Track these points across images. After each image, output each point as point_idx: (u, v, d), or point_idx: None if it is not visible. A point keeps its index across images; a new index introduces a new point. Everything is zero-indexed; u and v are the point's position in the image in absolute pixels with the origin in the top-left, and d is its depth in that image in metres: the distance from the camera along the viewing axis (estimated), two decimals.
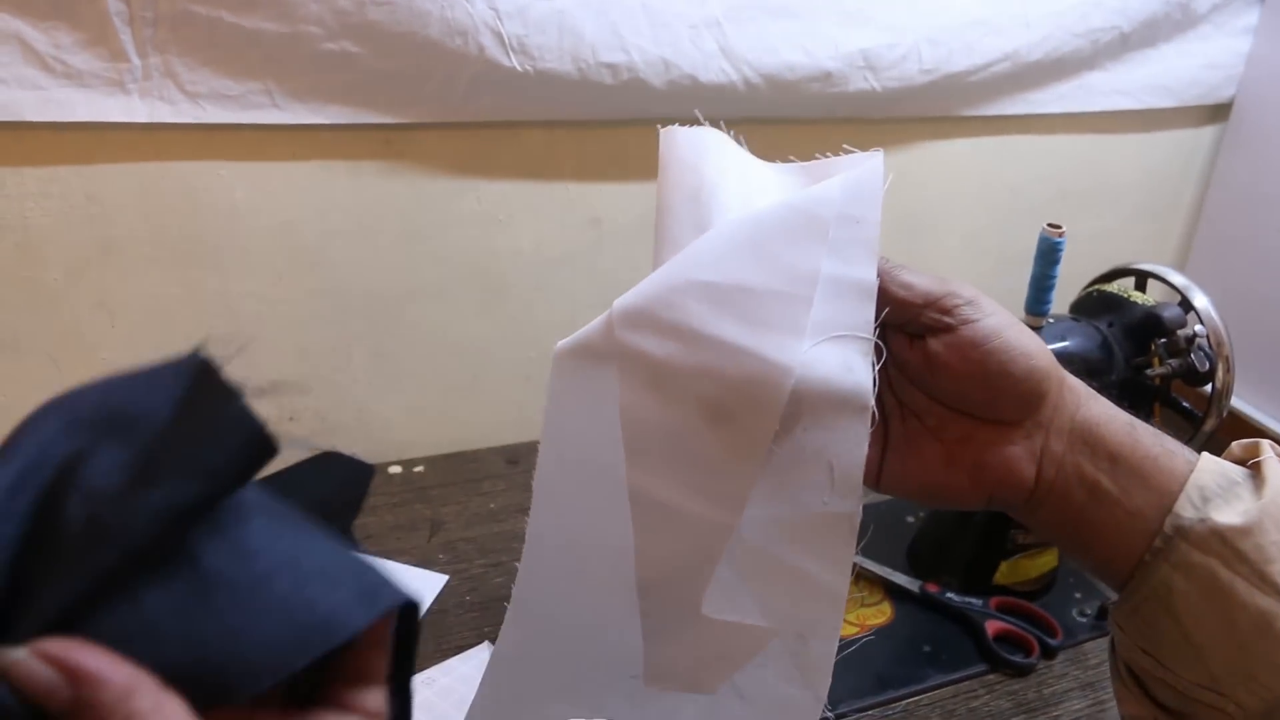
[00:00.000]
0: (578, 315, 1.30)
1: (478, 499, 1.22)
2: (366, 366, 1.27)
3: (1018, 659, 0.98)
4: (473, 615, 1.02)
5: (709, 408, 0.52)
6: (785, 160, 0.62)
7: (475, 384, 1.34)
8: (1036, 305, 0.97)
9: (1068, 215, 0.97)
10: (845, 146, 0.59)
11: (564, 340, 0.54)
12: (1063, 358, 0.97)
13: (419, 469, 1.27)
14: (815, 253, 0.51)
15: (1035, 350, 0.54)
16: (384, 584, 0.38)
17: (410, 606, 0.40)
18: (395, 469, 1.27)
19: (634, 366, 0.52)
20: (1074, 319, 1.03)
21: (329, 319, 1.22)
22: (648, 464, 0.53)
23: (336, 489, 1.22)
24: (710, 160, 0.57)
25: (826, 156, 0.59)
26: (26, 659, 0.32)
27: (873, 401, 0.51)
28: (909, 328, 0.55)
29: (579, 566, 0.57)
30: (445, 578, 1.06)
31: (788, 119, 1.30)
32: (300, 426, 1.27)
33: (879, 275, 0.53)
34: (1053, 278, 0.95)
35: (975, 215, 1.55)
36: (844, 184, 0.54)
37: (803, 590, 0.55)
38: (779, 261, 0.51)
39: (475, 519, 1.18)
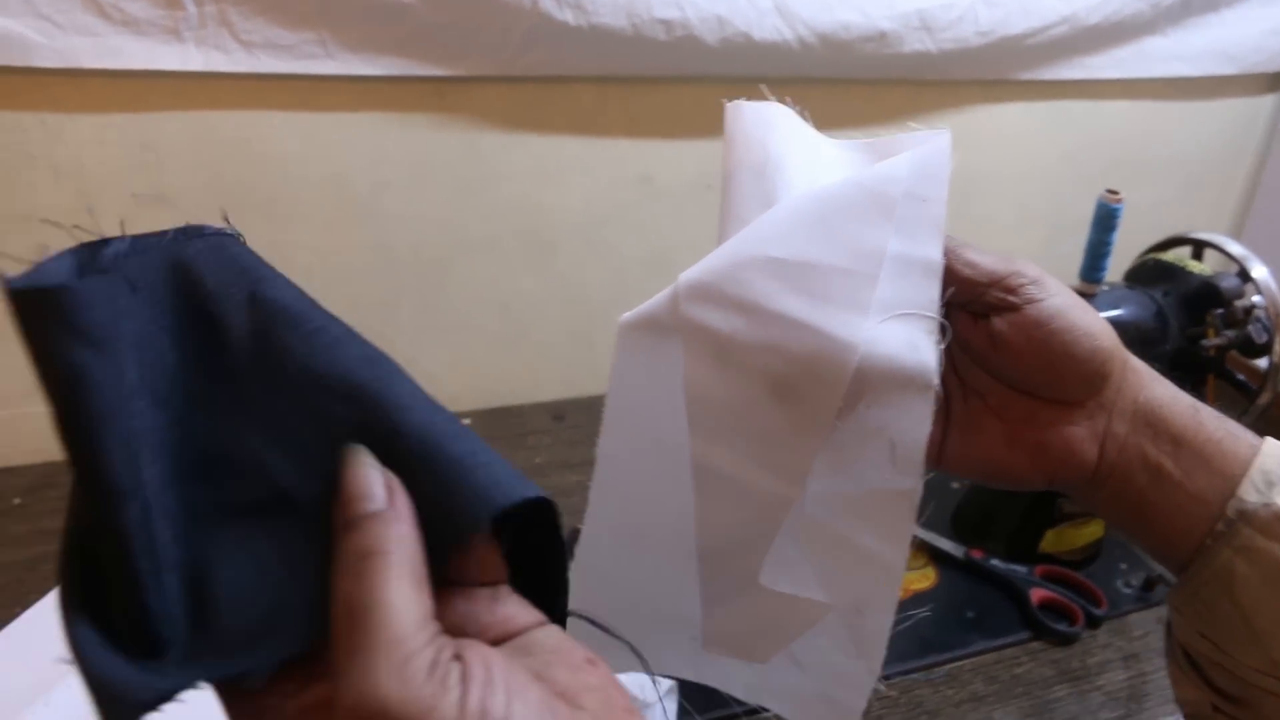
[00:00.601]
0: (626, 272, 1.32)
1: (523, 453, 1.22)
2: (414, 319, 1.27)
3: (1061, 627, 0.98)
4: None
5: (773, 382, 0.52)
6: (843, 129, 0.62)
7: (522, 339, 1.34)
8: (1091, 272, 0.96)
9: (1122, 183, 0.96)
10: (911, 125, 0.58)
11: (628, 313, 0.54)
12: (1116, 326, 0.95)
13: (466, 422, 1.27)
14: (882, 230, 0.51)
15: (1099, 331, 0.53)
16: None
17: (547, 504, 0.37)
18: None
19: (699, 340, 0.52)
20: (1129, 287, 1.01)
21: (378, 271, 1.22)
22: (711, 436, 0.53)
23: None
24: (776, 135, 0.57)
25: (892, 135, 0.58)
26: (365, 460, 0.34)
27: (937, 380, 0.51)
28: (973, 306, 0.55)
29: (641, 533, 0.57)
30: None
31: (841, 79, 1.29)
32: None
33: (944, 253, 0.53)
34: (1109, 244, 0.94)
35: (1027, 181, 1.53)
36: (911, 162, 0.53)
37: (861, 565, 0.55)
38: (846, 238, 0.51)
39: (521, 473, 1.18)
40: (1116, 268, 1.01)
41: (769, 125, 0.58)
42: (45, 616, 0.92)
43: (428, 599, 0.32)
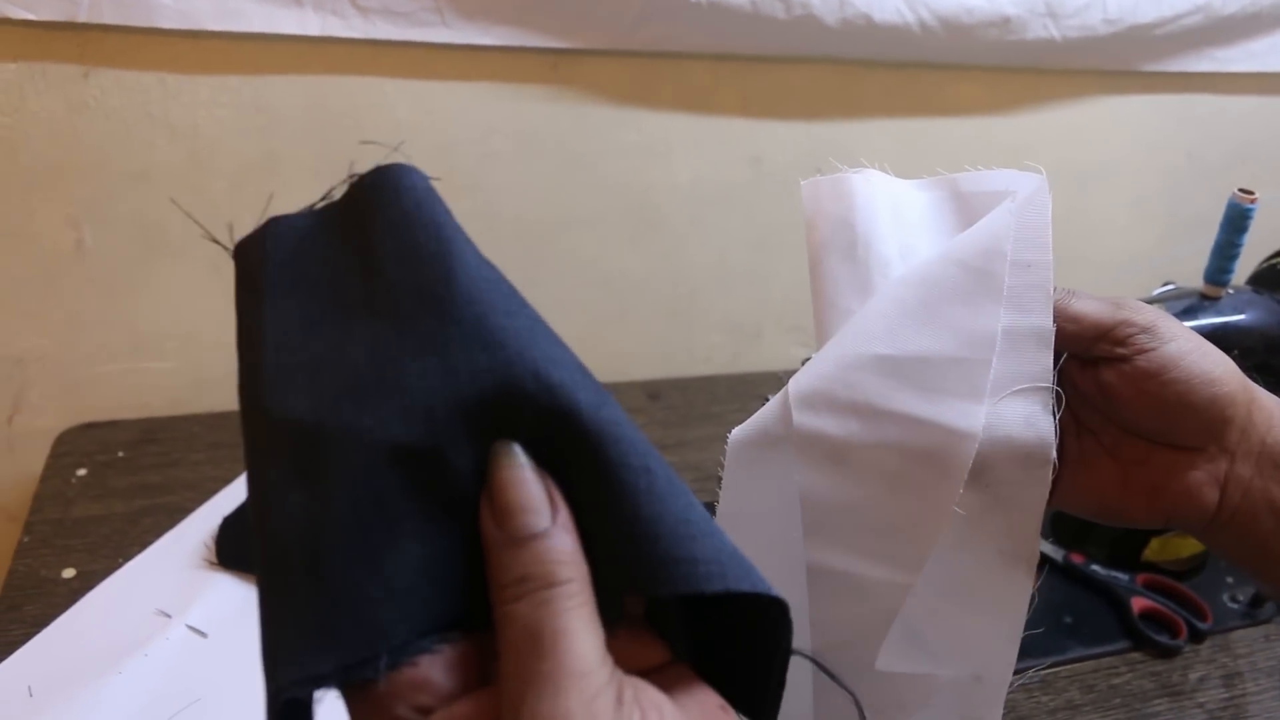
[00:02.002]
0: (729, 254, 1.32)
1: None
2: None
3: (1163, 639, 0.95)
4: None
5: (891, 479, 0.51)
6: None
7: (622, 316, 1.34)
8: (1218, 275, 0.93)
9: (1248, 182, 0.92)
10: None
11: (739, 428, 0.53)
12: (1239, 332, 0.94)
13: None
14: (991, 313, 0.50)
15: (1219, 376, 0.51)
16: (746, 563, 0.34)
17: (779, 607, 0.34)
18: None
19: (813, 447, 0.51)
20: (1255, 291, 0.98)
21: (481, 242, 1.20)
22: (826, 537, 0.53)
23: None
24: (860, 210, 0.56)
25: (979, 171, 0.57)
26: (524, 463, 0.32)
27: (1054, 453, 0.50)
28: (1082, 355, 0.53)
29: None
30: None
31: (961, 65, 1.26)
32: None
33: None
34: (1238, 246, 0.91)
35: (1146, 177, 1.49)
36: (1011, 227, 0.52)
37: (978, 635, 0.54)
38: (954, 327, 0.50)
39: None
40: (1241, 270, 0.97)
41: (850, 198, 0.56)
42: (146, 569, 0.94)
43: (601, 628, 0.31)
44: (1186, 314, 0.93)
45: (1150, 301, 0.95)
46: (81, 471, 1.06)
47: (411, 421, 0.32)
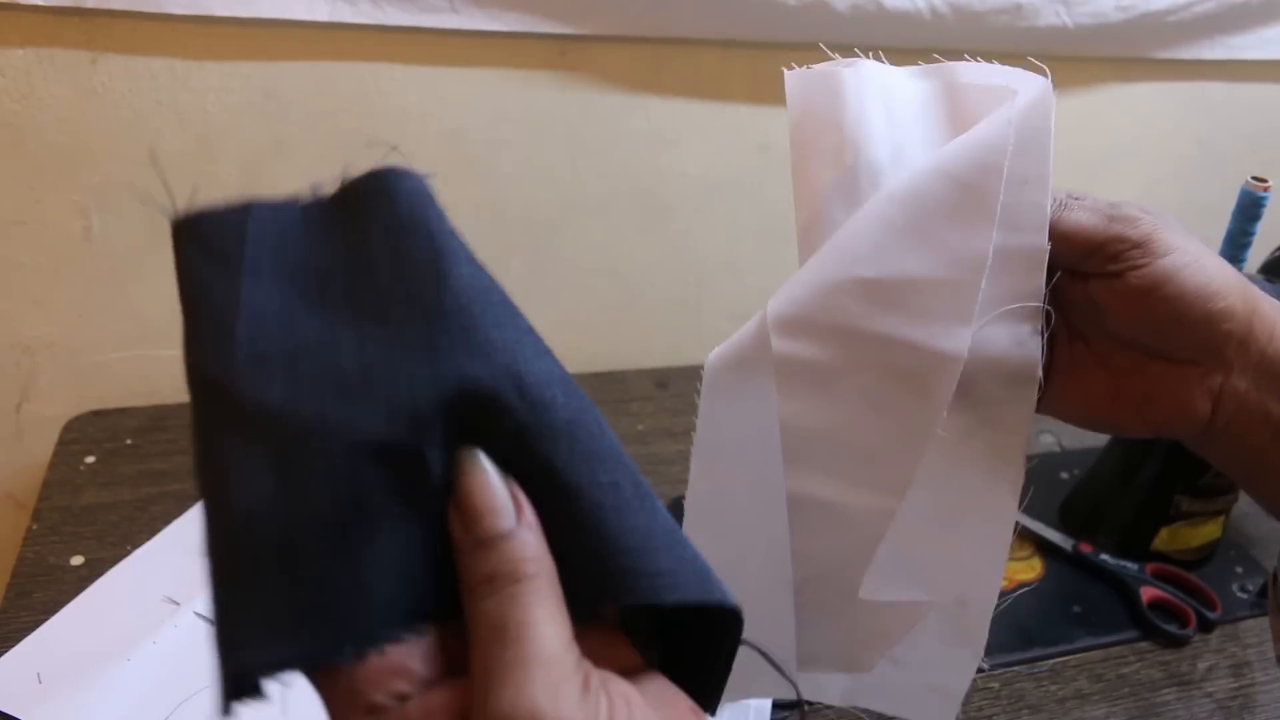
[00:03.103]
0: (738, 241, 1.31)
1: (625, 420, 1.22)
2: (523, 279, 1.26)
3: (1172, 629, 0.95)
4: None
5: (873, 402, 0.49)
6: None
7: (629, 304, 1.34)
8: (1231, 263, 0.92)
9: (1261, 170, 0.92)
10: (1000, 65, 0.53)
11: (715, 351, 0.51)
12: None
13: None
14: (984, 233, 0.47)
15: (1217, 289, 0.49)
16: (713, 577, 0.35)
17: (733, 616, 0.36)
18: None
19: (793, 373, 0.50)
20: (1268, 280, 0.97)
21: (490, 229, 1.22)
22: (808, 465, 0.51)
23: None
24: (849, 109, 0.51)
25: (980, 64, 0.53)
26: (488, 469, 0.33)
27: (1040, 372, 0.49)
28: (1074, 270, 0.51)
29: (731, 574, 0.56)
30: None
31: (972, 51, 1.25)
32: None
33: None
34: (1251, 235, 0.91)
35: (1156, 165, 1.48)
36: (1010, 137, 0.48)
37: (964, 560, 0.53)
38: (944, 247, 0.48)
39: (623, 439, 1.15)
40: (1253, 259, 0.97)
41: (838, 95, 0.52)
42: (154, 556, 0.94)
43: (568, 620, 0.32)
44: None
45: None
46: (90, 459, 1.06)
47: (396, 423, 0.33)
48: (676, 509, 1.07)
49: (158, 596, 0.89)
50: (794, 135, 0.52)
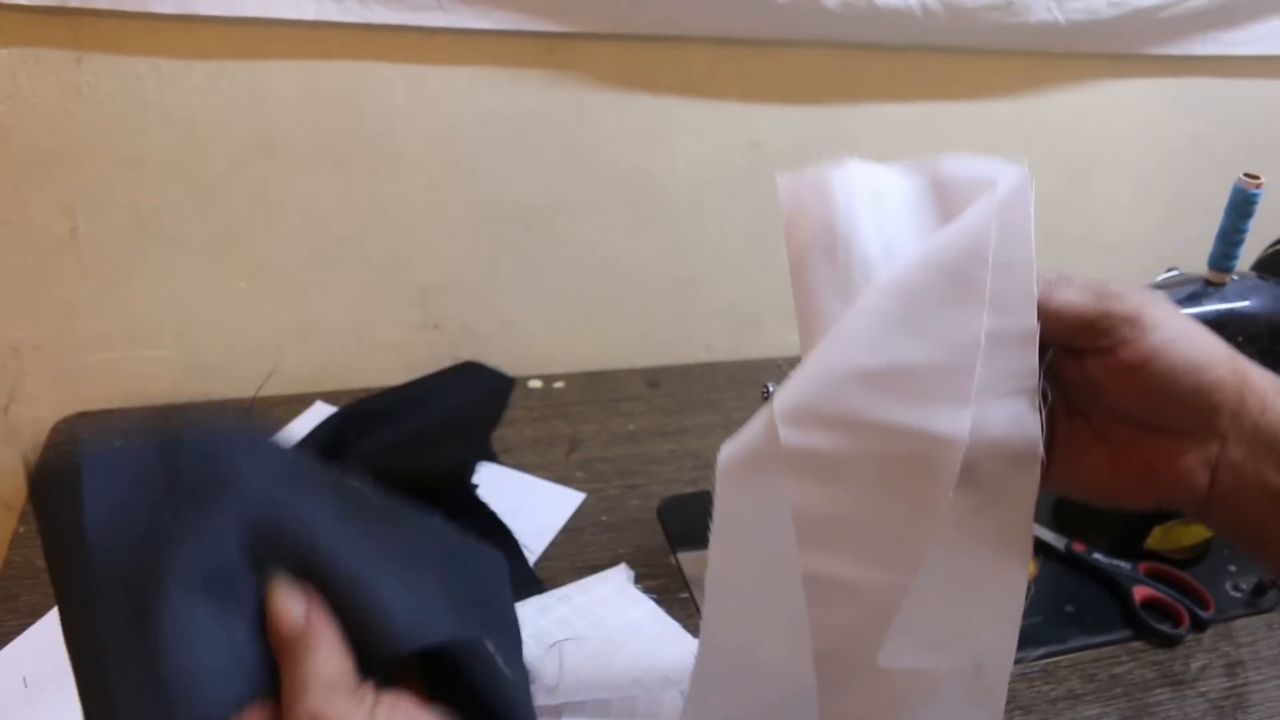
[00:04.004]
0: (728, 240, 1.31)
1: (617, 419, 1.22)
2: (514, 278, 1.26)
3: (1165, 628, 0.95)
4: (608, 535, 1.02)
5: (882, 488, 0.51)
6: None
7: (621, 303, 1.33)
8: (1223, 260, 0.92)
9: (1254, 167, 0.91)
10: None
11: (727, 448, 0.53)
12: (1244, 318, 0.93)
13: (559, 385, 1.28)
14: (974, 318, 0.49)
15: (1205, 363, 0.50)
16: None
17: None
18: (535, 384, 1.27)
19: (802, 463, 0.51)
20: (1260, 277, 0.97)
21: (480, 228, 1.22)
22: (822, 549, 0.53)
23: (477, 399, 1.23)
24: (839, 209, 0.54)
25: (960, 156, 0.57)
26: (289, 592, 0.45)
27: (1042, 450, 0.50)
28: (1066, 347, 0.53)
29: (753, 659, 0.57)
30: (582, 495, 1.07)
31: (962, 48, 1.25)
32: (444, 335, 1.28)
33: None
34: (1243, 231, 0.90)
35: (1149, 162, 1.48)
36: (992, 228, 0.50)
37: (978, 627, 0.55)
38: (937, 333, 0.50)
39: (614, 439, 1.18)
40: (1246, 256, 0.96)
41: (829, 200, 0.55)
42: None
43: (350, 663, 0.45)
44: (1190, 300, 0.92)
45: (1155, 287, 0.94)
46: None
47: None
48: (669, 510, 1.07)
49: None
50: (788, 236, 0.55)
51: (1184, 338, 0.50)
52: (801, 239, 0.55)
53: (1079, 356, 0.52)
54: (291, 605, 0.45)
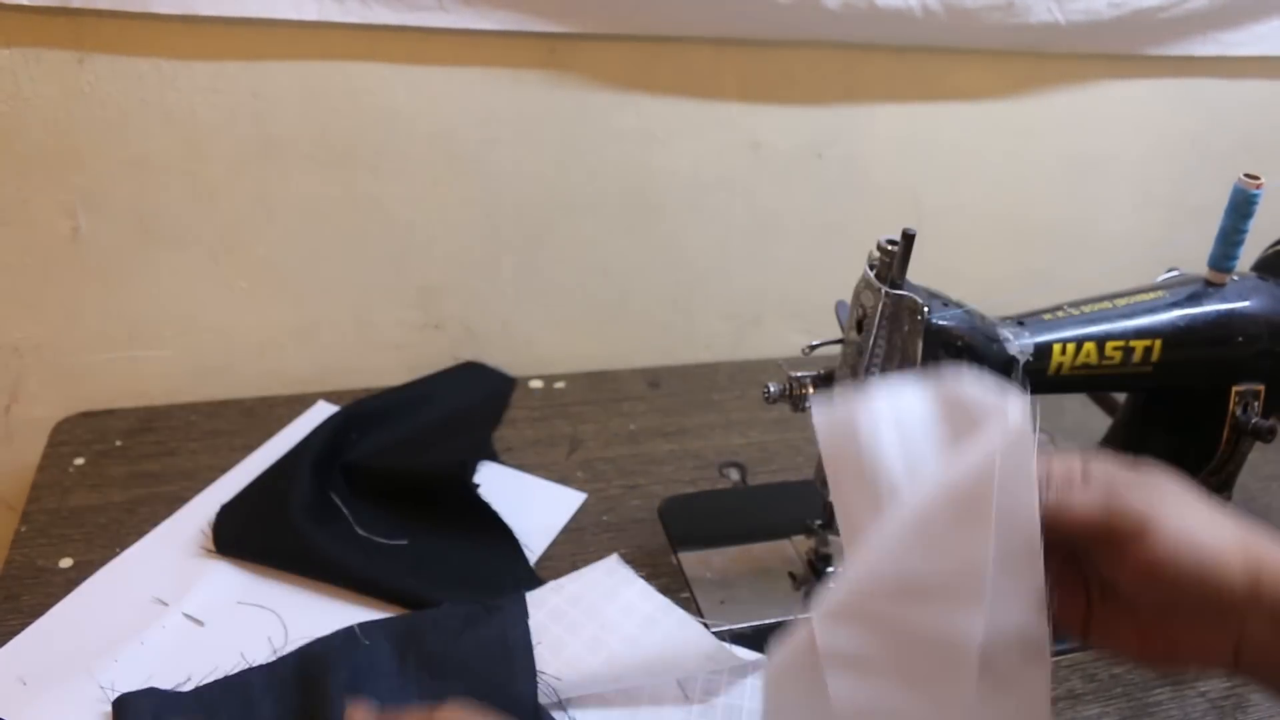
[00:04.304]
0: (729, 240, 1.31)
1: (618, 419, 1.22)
2: (514, 279, 1.26)
3: None
4: (609, 535, 1.02)
5: (908, 682, 0.57)
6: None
7: (621, 303, 1.33)
8: (1223, 261, 0.92)
9: (1254, 167, 0.91)
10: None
11: (775, 658, 0.61)
12: (1244, 318, 0.93)
13: (560, 385, 1.28)
14: (982, 540, 0.55)
15: (1212, 565, 0.52)
16: None
17: None
18: (536, 384, 1.27)
19: (838, 662, 0.58)
20: (1260, 278, 0.97)
21: (481, 229, 1.22)
22: None
23: (478, 399, 1.23)
24: (864, 441, 0.63)
25: (964, 383, 0.61)
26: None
27: (1049, 650, 0.56)
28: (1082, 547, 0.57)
29: None
30: (583, 495, 1.07)
31: (963, 49, 1.25)
32: (445, 335, 1.27)
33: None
34: (1243, 232, 0.90)
35: (1149, 162, 1.48)
36: (997, 456, 0.56)
37: None
38: (950, 553, 0.56)
39: (614, 439, 1.18)
40: (1246, 256, 0.96)
41: (856, 434, 0.63)
42: (143, 558, 0.94)
43: None
44: (1190, 300, 0.92)
45: (1155, 288, 0.94)
46: (79, 461, 1.06)
47: None
48: (670, 510, 1.07)
49: (146, 598, 0.89)
50: (827, 464, 0.64)
51: (1190, 544, 0.52)
52: (838, 468, 0.64)
53: (1091, 555, 0.56)
54: None
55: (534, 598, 0.86)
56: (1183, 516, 0.53)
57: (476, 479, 1.04)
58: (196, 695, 0.79)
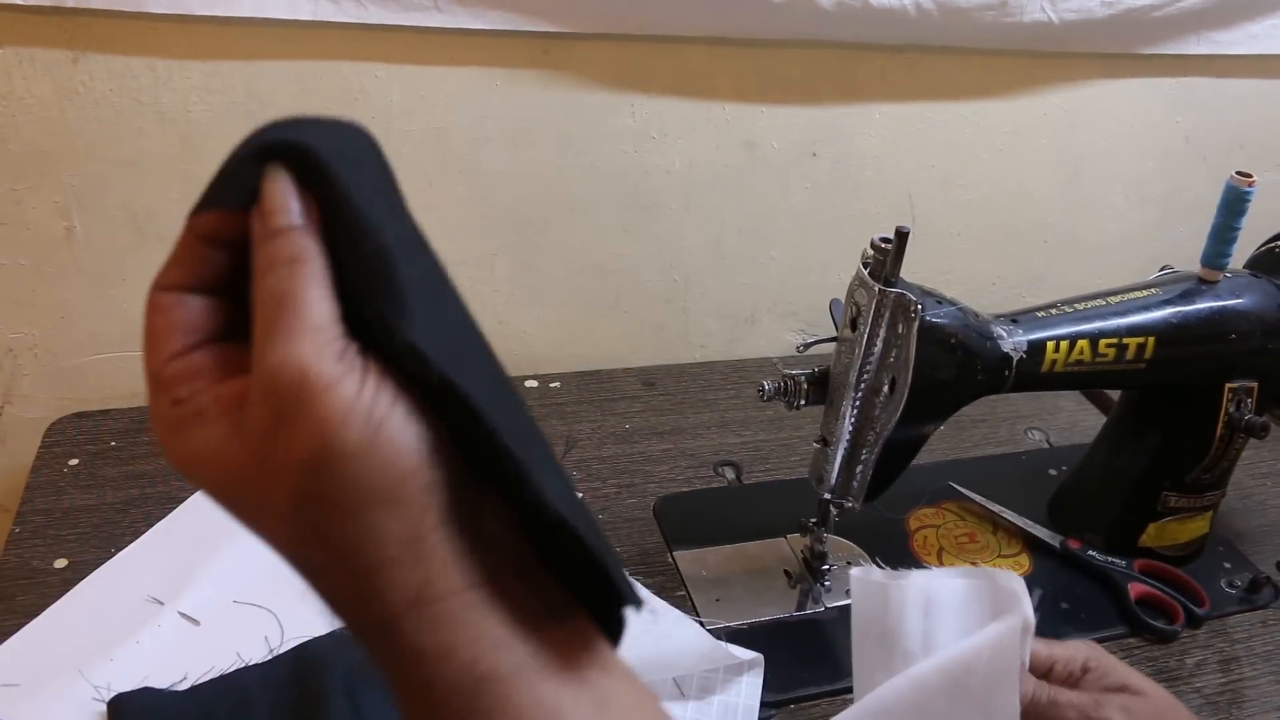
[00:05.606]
0: (724, 240, 1.31)
1: (613, 419, 1.21)
2: (509, 278, 1.26)
3: (1160, 625, 0.95)
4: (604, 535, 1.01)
5: None
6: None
7: (616, 303, 1.33)
8: (1215, 258, 0.92)
9: (1246, 165, 0.92)
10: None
11: None
12: (1237, 316, 0.93)
13: (555, 385, 1.27)
14: (969, 713, 0.67)
15: None
16: None
17: None
18: (531, 384, 1.27)
19: None
20: (1253, 275, 0.97)
21: (475, 228, 1.22)
22: None
23: None
24: (892, 612, 0.73)
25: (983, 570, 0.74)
26: (285, 179, 0.37)
27: None
28: None
29: None
30: (579, 495, 1.06)
31: (956, 48, 1.25)
32: None
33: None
34: (1236, 229, 0.91)
35: (1142, 161, 1.48)
36: (988, 652, 0.68)
37: None
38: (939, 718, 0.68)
39: (609, 439, 1.18)
40: (1239, 254, 0.97)
41: (886, 604, 0.74)
42: (138, 557, 0.94)
43: (337, 305, 0.36)
44: (1184, 298, 0.92)
45: (1148, 286, 0.95)
46: (73, 461, 1.06)
47: None
48: (665, 509, 1.07)
49: (141, 597, 0.89)
50: (855, 621, 0.75)
51: None
52: (863, 625, 0.75)
53: None
54: (290, 201, 0.37)
55: None
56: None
57: None
58: (192, 694, 0.78)
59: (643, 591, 0.89)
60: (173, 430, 0.38)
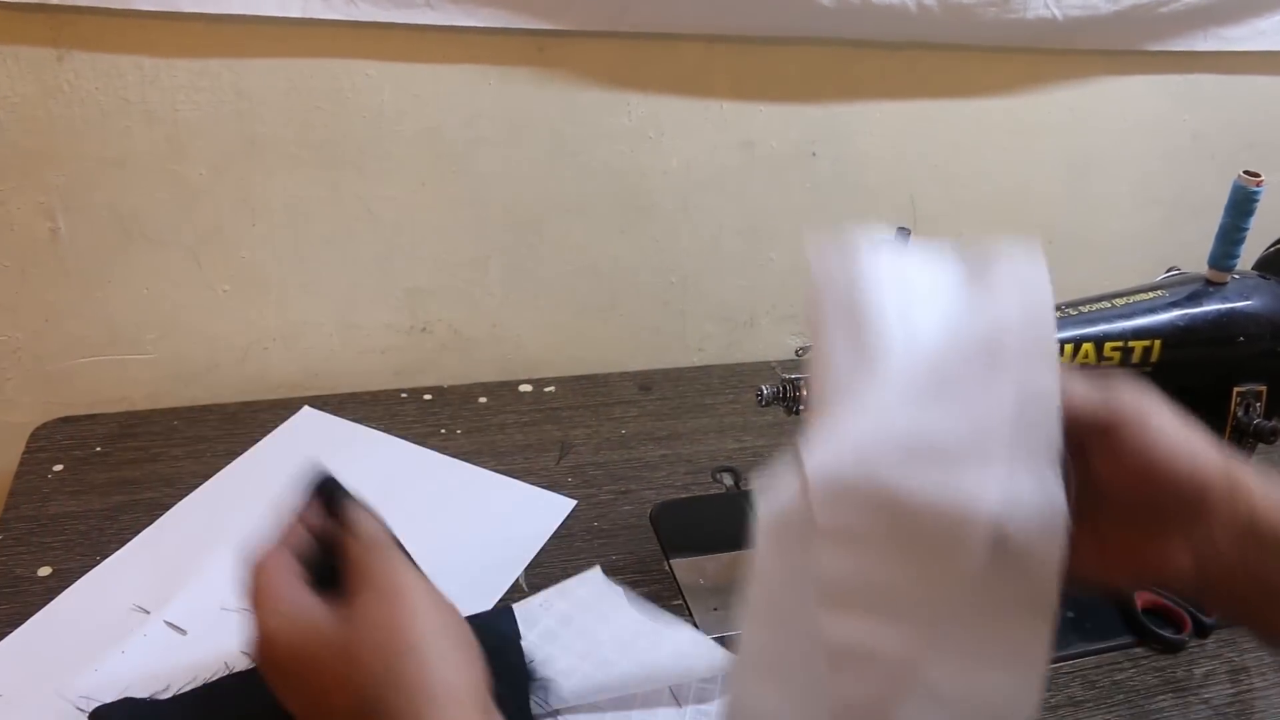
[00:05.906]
0: (722, 241, 1.30)
1: (609, 424, 1.20)
2: (503, 280, 1.25)
3: (1167, 634, 0.93)
4: (599, 542, 1.00)
5: (911, 558, 0.53)
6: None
7: (612, 305, 1.32)
8: (1223, 259, 0.91)
9: (1254, 165, 0.90)
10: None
11: (766, 515, 0.57)
12: (1245, 318, 0.92)
13: (550, 389, 1.26)
14: (1004, 389, 0.53)
15: (1204, 460, 0.53)
16: None
17: None
18: (525, 387, 1.26)
19: (835, 539, 0.54)
20: (1261, 276, 0.96)
21: (469, 230, 1.20)
22: (848, 616, 0.55)
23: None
24: (864, 272, 0.58)
25: (980, 243, 0.60)
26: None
27: (1068, 515, 0.51)
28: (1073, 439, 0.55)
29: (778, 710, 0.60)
30: (573, 502, 1.05)
31: (959, 45, 1.24)
32: (433, 338, 1.26)
33: None
34: (1244, 230, 0.89)
35: (1148, 160, 1.47)
36: (1015, 303, 0.55)
37: (1000, 686, 0.56)
38: (967, 404, 0.53)
39: (605, 444, 1.16)
40: (1247, 255, 0.95)
41: (855, 262, 0.59)
42: (124, 565, 0.93)
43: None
44: (1191, 300, 0.91)
45: (1154, 288, 0.93)
46: (58, 467, 1.04)
47: None
48: (662, 515, 1.05)
49: (127, 605, 0.88)
50: (812, 298, 0.59)
51: (1185, 439, 0.53)
52: (823, 303, 0.59)
53: (1079, 453, 0.54)
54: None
55: (523, 615, 0.85)
56: (1173, 418, 0.54)
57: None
58: (174, 704, 0.77)
59: (638, 601, 0.87)
60: None
